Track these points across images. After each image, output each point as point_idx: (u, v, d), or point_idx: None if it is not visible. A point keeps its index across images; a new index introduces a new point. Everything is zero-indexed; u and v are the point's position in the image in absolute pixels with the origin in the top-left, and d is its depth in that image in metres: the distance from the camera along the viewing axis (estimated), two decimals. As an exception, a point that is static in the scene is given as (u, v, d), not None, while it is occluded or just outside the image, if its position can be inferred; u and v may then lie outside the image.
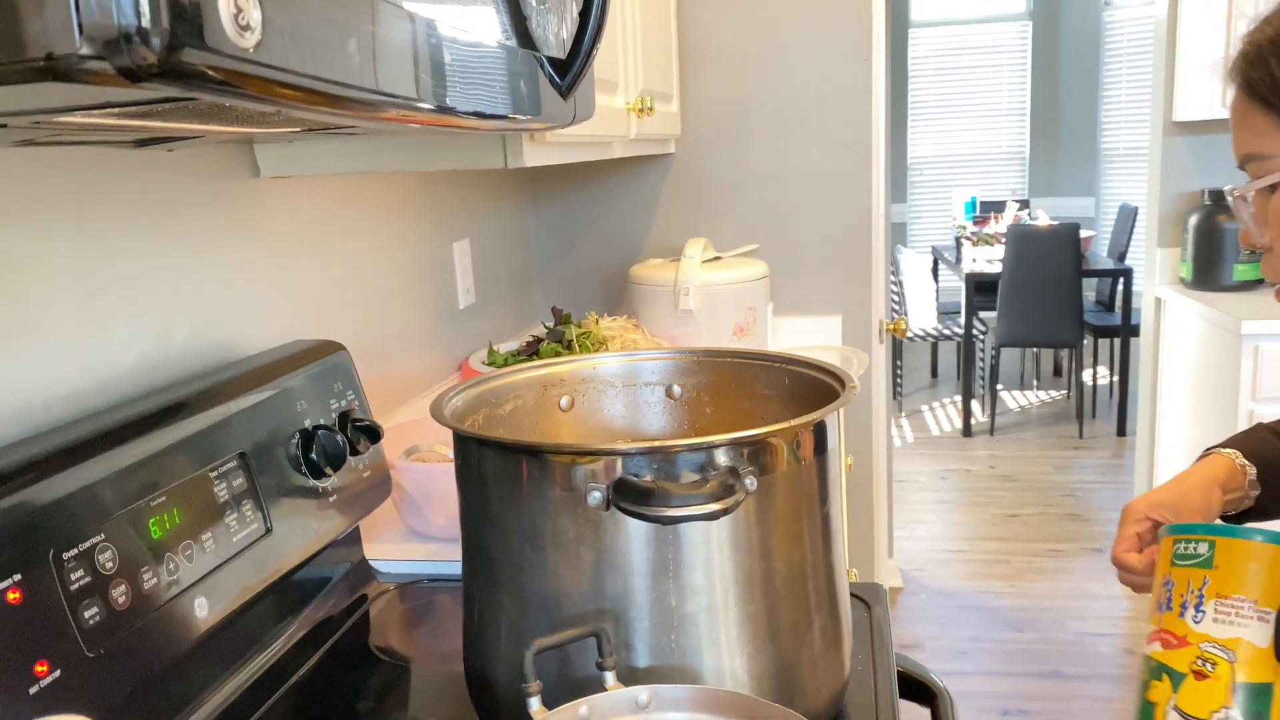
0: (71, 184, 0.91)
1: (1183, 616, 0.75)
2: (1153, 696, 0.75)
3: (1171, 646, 0.75)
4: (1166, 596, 0.77)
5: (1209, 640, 0.74)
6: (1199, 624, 0.75)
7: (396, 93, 0.62)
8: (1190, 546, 0.77)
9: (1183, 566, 0.77)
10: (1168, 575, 0.78)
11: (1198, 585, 0.76)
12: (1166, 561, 0.79)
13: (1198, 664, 0.74)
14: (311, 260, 1.33)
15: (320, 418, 1.06)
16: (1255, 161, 0.76)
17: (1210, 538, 0.77)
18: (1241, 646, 0.73)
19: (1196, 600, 0.76)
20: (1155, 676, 0.75)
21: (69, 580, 0.71)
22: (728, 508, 0.68)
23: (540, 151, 1.17)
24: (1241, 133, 0.78)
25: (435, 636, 1.09)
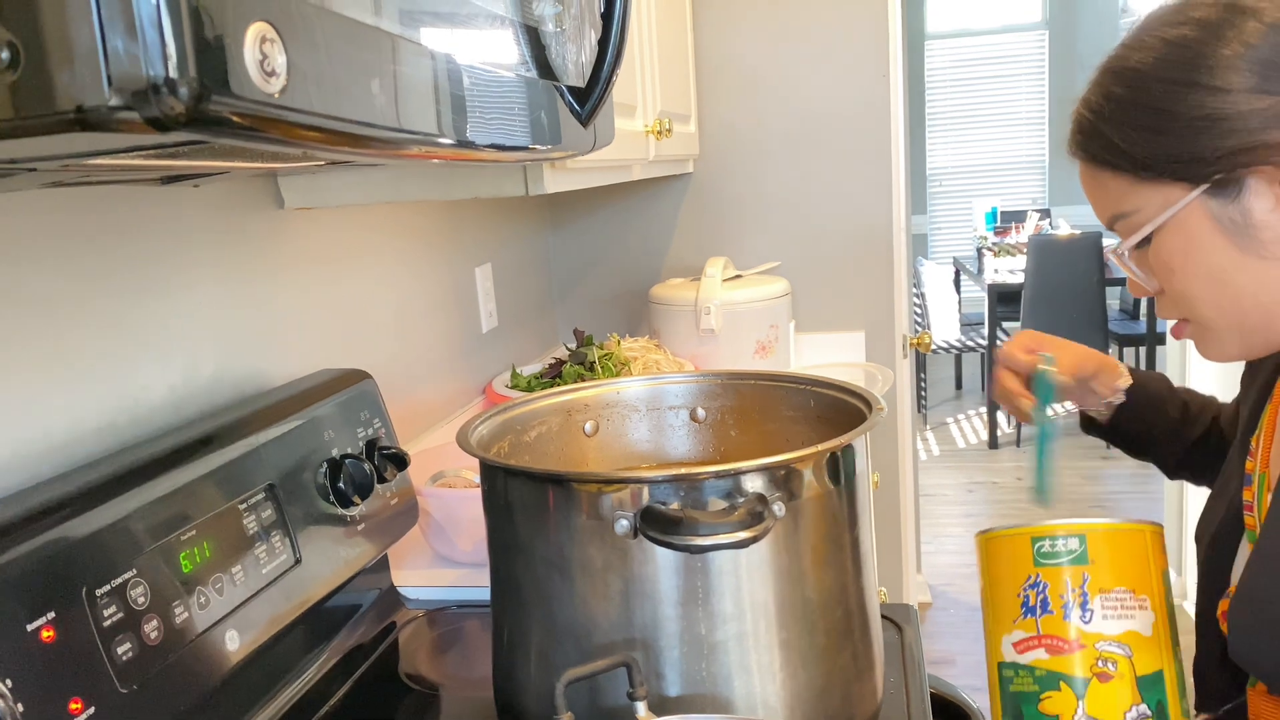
0: (99, 222, 0.92)
1: (1068, 618, 0.71)
2: (1051, 709, 0.69)
3: (1062, 652, 0.70)
4: (1039, 599, 0.72)
5: (1104, 639, 0.70)
6: (1089, 624, 0.70)
7: (418, 129, 0.62)
8: (1056, 544, 0.73)
9: (1052, 565, 0.72)
10: (1032, 576, 0.73)
11: (1077, 583, 0.71)
12: (1024, 562, 0.74)
13: (1099, 665, 0.69)
14: (336, 289, 1.34)
15: (347, 446, 1.06)
16: (1123, 220, 0.78)
17: (1078, 530, 0.73)
18: (1133, 639, 0.70)
19: (1080, 599, 0.71)
20: (1048, 687, 0.70)
21: (102, 617, 0.72)
22: (757, 535, 0.68)
23: (561, 178, 1.17)
24: (1101, 199, 0.80)
25: (464, 662, 1.09)
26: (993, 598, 0.75)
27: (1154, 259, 0.78)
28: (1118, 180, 0.77)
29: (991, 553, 0.76)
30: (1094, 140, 0.78)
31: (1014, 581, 0.74)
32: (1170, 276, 0.78)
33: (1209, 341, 0.80)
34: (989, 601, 0.75)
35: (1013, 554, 0.75)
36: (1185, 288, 0.77)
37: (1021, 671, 0.71)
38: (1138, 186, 0.76)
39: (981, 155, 6.99)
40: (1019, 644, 0.72)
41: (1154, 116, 0.73)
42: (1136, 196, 0.76)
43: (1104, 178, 0.78)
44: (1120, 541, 0.74)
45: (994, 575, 0.76)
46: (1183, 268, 0.76)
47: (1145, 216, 0.76)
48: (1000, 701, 0.73)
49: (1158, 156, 0.74)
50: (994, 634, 0.74)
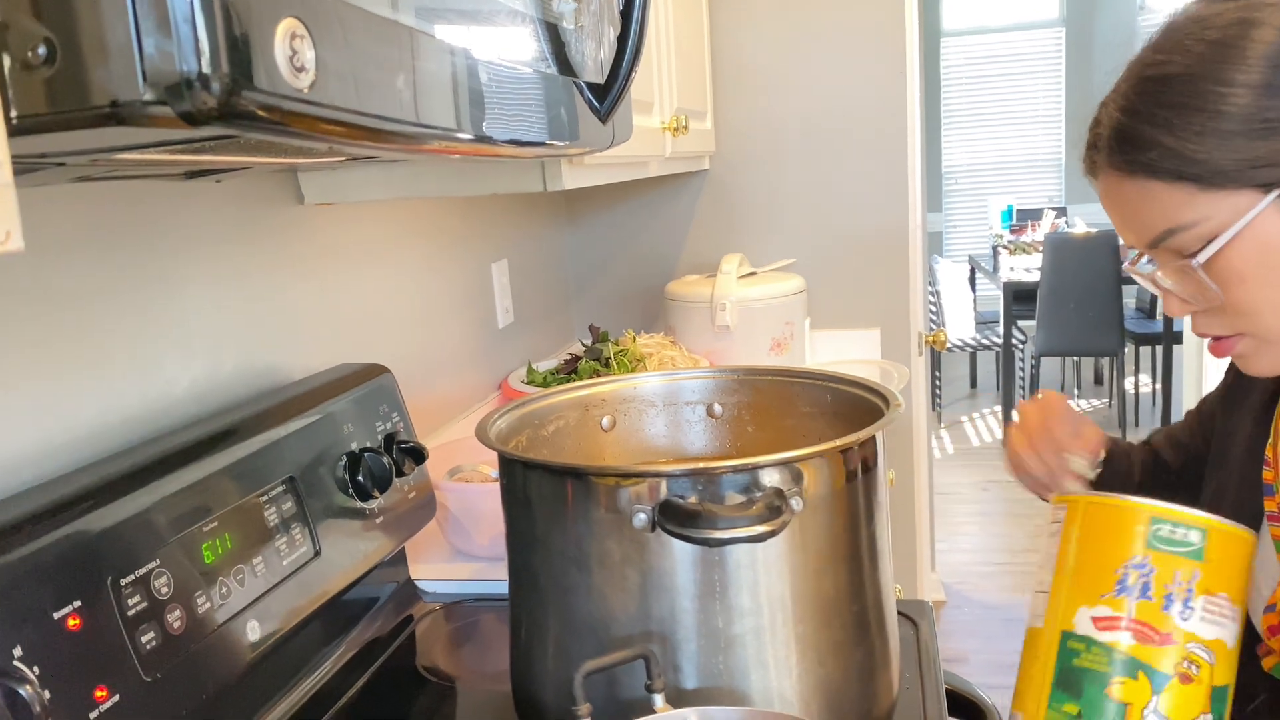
0: (124, 217, 0.93)
1: (1167, 610, 0.67)
2: (1122, 695, 0.66)
3: (1151, 642, 0.67)
4: (1142, 581, 0.68)
5: (1195, 640, 0.67)
6: (1187, 622, 0.67)
7: (438, 124, 0.63)
8: (1177, 532, 0.69)
9: (1167, 552, 0.69)
10: (1139, 557, 0.69)
11: (1187, 578, 0.68)
12: (1134, 539, 0.70)
13: (1184, 666, 0.66)
14: (355, 285, 1.34)
15: (366, 440, 1.07)
16: (1178, 234, 0.73)
17: (1202, 524, 0.69)
18: (1219, 648, 0.68)
19: (1185, 595, 0.68)
20: (1125, 673, 0.66)
21: (126, 606, 0.73)
22: (774, 529, 0.68)
23: (578, 174, 1.18)
24: (1148, 213, 0.74)
25: (481, 656, 1.09)
26: (1081, 564, 0.70)
27: (1223, 270, 0.72)
28: (1175, 191, 0.72)
29: (1094, 518, 0.72)
30: (1142, 150, 0.73)
31: (1115, 555, 0.69)
32: (1239, 287, 0.72)
33: (1263, 357, 0.76)
34: (1074, 567, 0.71)
35: (1123, 527, 0.70)
36: (1256, 298, 0.72)
37: (1096, 648, 0.67)
38: (1200, 196, 0.71)
39: (997, 153, 6.95)
40: (1102, 620, 0.68)
41: (1216, 120, 0.69)
42: (1200, 206, 0.71)
43: (1154, 189, 0.73)
44: (1236, 547, 0.71)
45: (1090, 542, 0.71)
46: (1258, 277, 0.72)
47: (1213, 227, 0.71)
48: (1054, 672, 0.68)
49: (1225, 163, 0.69)
50: (1070, 601, 0.69)
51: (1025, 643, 0.73)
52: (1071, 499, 0.75)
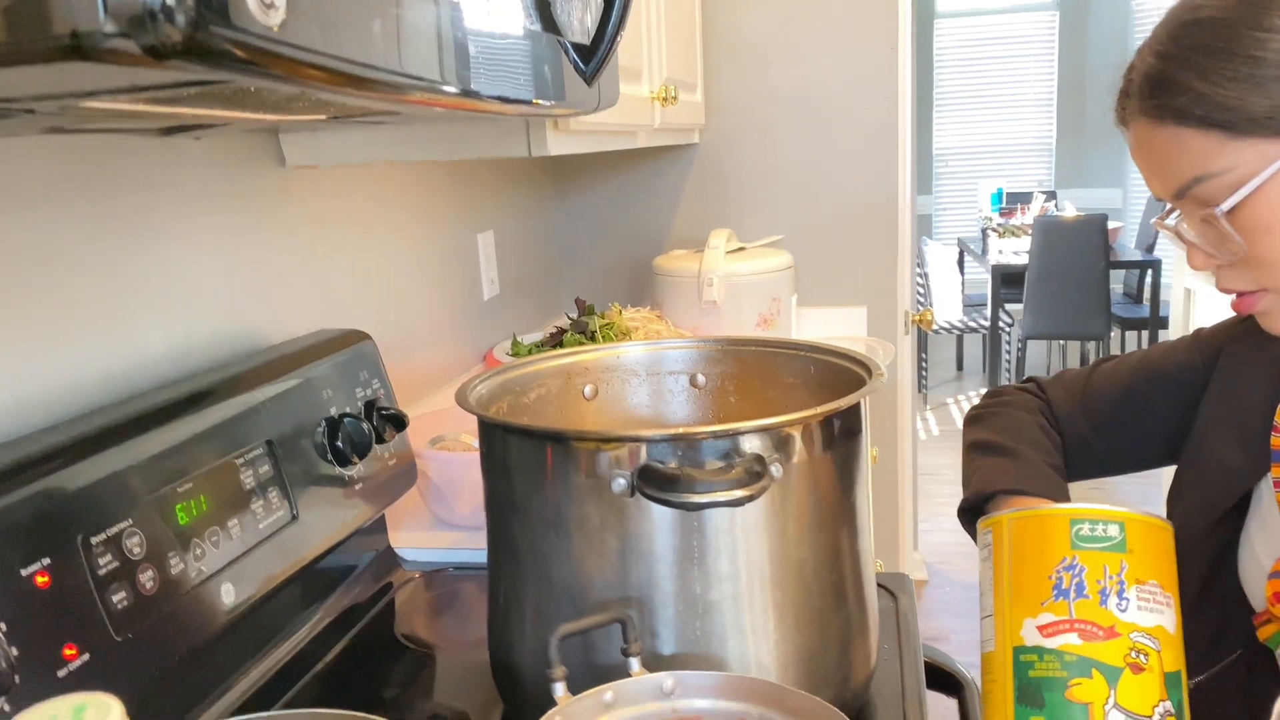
0: (99, 172, 0.92)
1: (1104, 605, 0.68)
2: (1081, 696, 0.66)
3: (1096, 638, 0.67)
4: (1074, 582, 0.69)
5: (1138, 630, 0.68)
6: (1125, 613, 0.68)
7: (421, 75, 0.61)
8: (1097, 528, 0.70)
9: (1092, 550, 0.69)
10: (1068, 559, 0.70)
11: (1116, 570, 0.69)
12: (1060, 544, 0.70)
13: (1132, 656, 0.67)
14: (337, 250, 1.33)
15: (346, 406, 1.06)
16: (1205, 183, 0.72)
17: (1119, 518, 0.70)
18: (1161, 634, 0.68)
19: (1118, 587, 0.68)
20: (1079, 674, 0.66)
21: (97, 565, 0.72)
22: (753, 494, 0.68)
23: (564, 140, 1.16)
24: (1177, 160, 0.73)
25: (460, 624, 1.09)
26: (1016, 579, 0.71)
27: (1248, 220, 0.72)
28: (1204, 138, 0.71)
29: (1020, 533, 0.73)
30: (1174, 95, 0.71)
31: (1046, 563, 0.70)
32: (1264, 238, 0.72)
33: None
34: (1010, 583, 0.72)
35: (1047, 534, 0.71)
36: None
37: (1047, 656, 0.68)
38: (1229, 144, 0.70)
39: (988, 136, 6.94)
40: (1046, 627, 0.69)
41: (1250, 65, 0.68)
42: (1228, 155, 0.70)
43: (1183, 137, 0.72)
44: (1155, 535, 0.72)
45: (1021, 556, 0.72)
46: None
47: (1240, 176, 0.70)
48: (1014, 689, 0.69)
49: (1257, 110, 0.68)
50: (1014, 617, 0.70)
51: (982, 668, 0.73)
52: (994, 520, 0.75)
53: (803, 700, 0.66)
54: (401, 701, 0.92)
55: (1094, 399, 0.99)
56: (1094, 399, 0.99)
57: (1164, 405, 0.95)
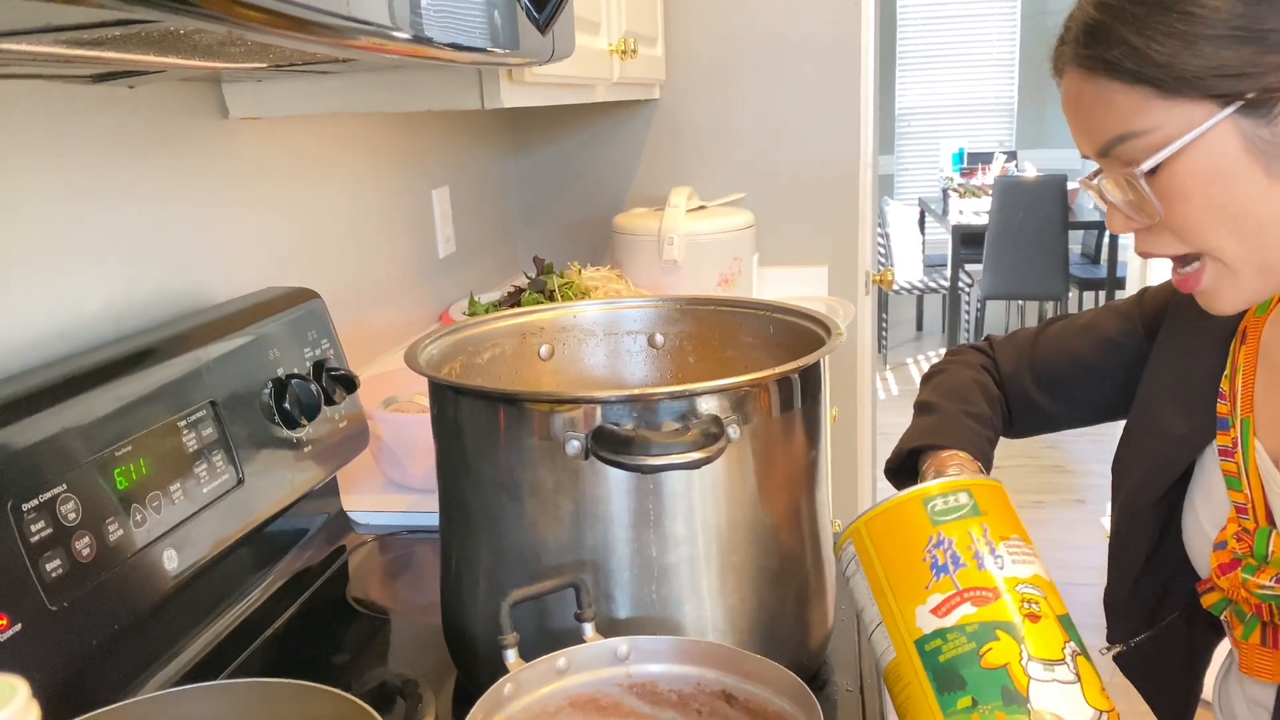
0: (28, 122, 0.87)
1: (983, 567, 0.68)
2: (996, 659, 0.65)
3: (988, 601, 0.67)
4: (949, 555, 0.69)
5: (1021, 582, 0.68)
6: (1004, 569, 0.68)
7: (369, 20, 0.58)
8: (949, 500, 0.71)
9: (952, 520, 0.70)
10: (934, 537, 0.69)
11: (980, 533, 0.69)
12: (921, 526, 0.70)
13: (1025, 607, 0.67)
14: (284, 206, 1.29)
15: (294, 367, 1.03)
16: (1128, 141, 0.70)
17: (963, 486, 0.71)
18: (1040, 583, 0.69)
19: (988, 547, 0.69)
20: (985, 639, 0.66)
21: (29, 532, 0.69)
22: (709, 456, 0.66)
23: (519, 92, 1.13)
24: (1103, 116, 0.71)
25: (414, 588, 1.07)
26: (894, 575, 0.70)
27: (1166, 184, 0.70)
28: (1132, 94, 0.69)
29: (879, 531, 0.73)
30: (1107, 46, 0.69)
31: (915, 547, 0.70)
32: (1183, 205, 0.70)
33: (1225, 288, 0.73)
34: (889, 582, 0.71)
35: (906, 520, 0.71)
36: (1198, 219, 0.70)
37: (950, 634, 0.66)
38: (1156, 102, 0.68)
39: (950, 96, 6.94)
40: (939, 608, 0.68)
41: (1186, 22, 0.65)
42: (1153, 114, 0.68)
43: (1112, 91, 0.70)
44: (997, 494, 0.73)
45: (889, 552, 0.71)
46: (1202, 194, 0.69)
47: (1163, 137, 0.68)
48: (929, 683, 0.67)
49: (1187, 69, 0.66)
50: (905, 612, 0.69)
51: (888, 683, 0.71)
52: (850, 530, 0.75)
53: (758, 664, 0.65)
54: (354, 667, 0.91)
55: (1040, 358, 0.99)
56: (1040, 358, 0.99)
57: (1107, 367, 0.95)
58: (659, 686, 0.67)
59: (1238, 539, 0.79)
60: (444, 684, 0.86)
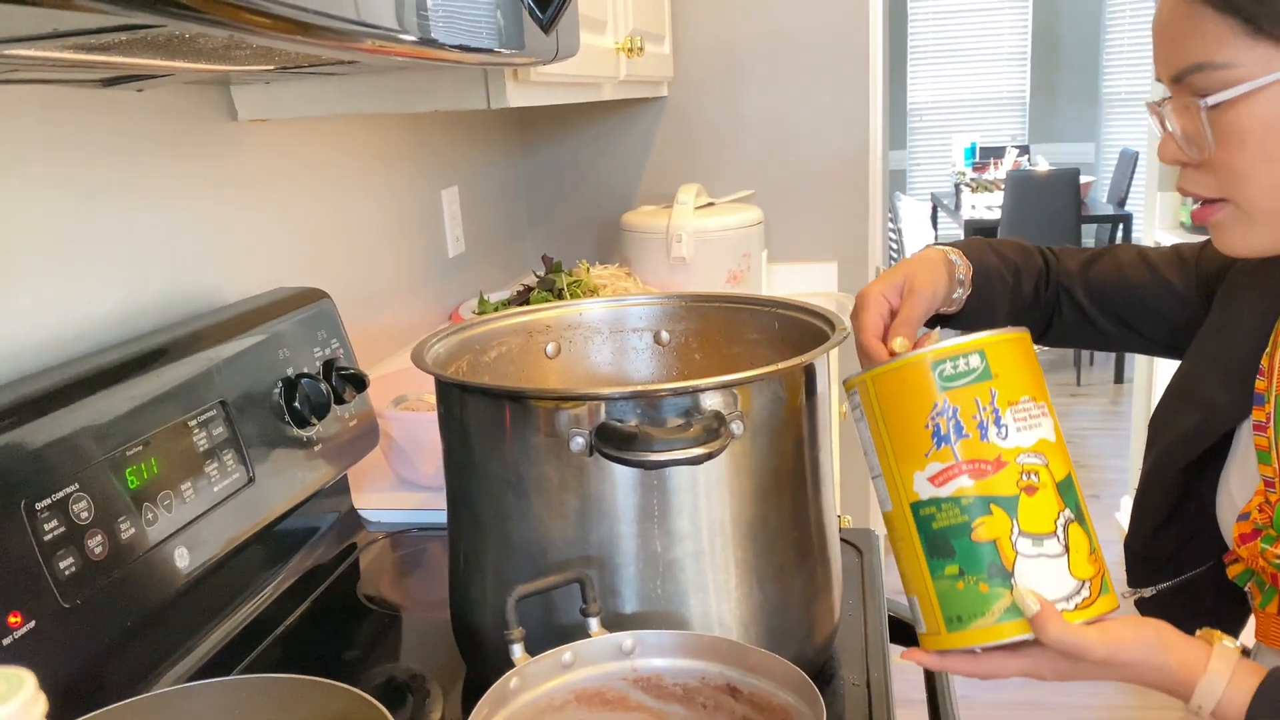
0: (39, 126, 0.88)
1: (985, 439, 0.67)
2: (986, 534, 0.67)
3: (987, 475, 0.67)
4: (952, 424, 0.68)
5: (1023, 451, 0.68)
6: (1006, 439, 0.67)
7: (374, 23, 0.59)
8: (958, 364, 0.69)
9: (959, 387, 0.68)
10: (938, 404, 0.68)
11: (987, 400, 0.68)
12: (927, 391, 0.69)
13: (1024, 480, 0.67)
14: (294, 207, 1.30)
15: (304, 366, 1.04)
16: (1204, 72, 0.71)
17: (977, 346, 0.69)
18: (1045, 447, 0.69)
19: (993, 416, 0.68)
20: (979, 514, 0.67)
21: (42, 531, 0.70)
22: (713, 452, 0.67)
23: (525, 91, 1.14)
24: (1187, 41, 0.72)
25: (425, 585, 1.08)
26: (895, 437, 0.70)
27: (1226, 123, 0.71)
28: (1221, 25, 0.69)
29: (884, 390, 0.71)
30: None
31: (919, 413, 0.69)
32: (1236, 149, 0.71)
33: (1237, 231, 0.75)
34: (890, 442, 0.70)
35: (912, 384, 0.69)
36: (1248, 165, 0.71)
37: (945, 505, 0.67)
38: (1243, 39, 0.68)
39: (962, 90, 6.91)
40: (936, 477, 0.68)
41: None
42: (1237, 50, 0.69)
43: (1204, 18, 0.69)
44: (1014, 350, 0.71)
45: (892, 412, 0.70)
46: (1258, 142, 0.70)
47: (1238, 74, 0.69)
48: (921, 545, 0.69)
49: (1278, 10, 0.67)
50: (903, 474, 0.69)
51: (887, 526, 0.73)
52: (857, 380, 0.73)
53: (763, 658, 0.65)
54: (365, 664, 0.91)
55: (1098, 272, 1.00)
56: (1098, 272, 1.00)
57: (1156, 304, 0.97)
58: (664, 681, 0.68)
59: (1260, 510, 0.79)
60: (454, 680, 0.86)
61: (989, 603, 0.67)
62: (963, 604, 0.68)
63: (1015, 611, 0.67)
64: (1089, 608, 0.68)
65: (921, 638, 0.72)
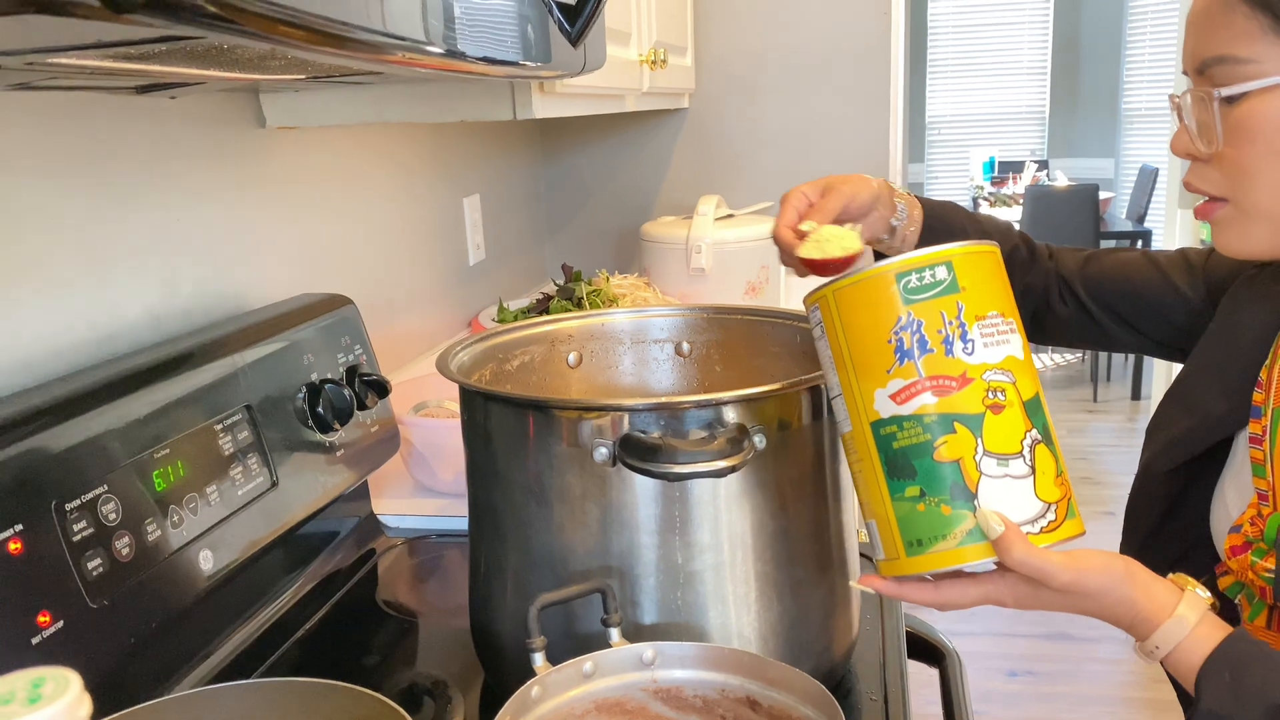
0: (73, 131, 0.90)
1: (951, 354, 0.64)
2: (949, 454, 0.63)
3: (951, 391, 0.64)
4: (915, 339, 0.65)
5: (988, 368, 0.65)
6: (972, 355, 0.64)
7: (404, 35, 0.60)
8: (924, 276, 0.65)
9: (924, 300, 0.65)
10: (903, 317, 0.65)
11: (953, 314, 0.65)
12: (890, 304, 0.66)
13: (990, 398, 0.64)
14: (319, 213, 1.31)
15: (327, 372, 1.05)
16: (1226, 65, 0.71)
17: (945, 258, 0.66)
18: (1013, 364, 0.66)
19: (959, 330, 0.65)
20: (942, 432, 0.63)
21: (71, 531, 0.71)
22: (735, 465, 0.67)
23: (550, 103, 1.14)
24: (1215, 34, 0.72)
25: (443, 591, 1.08)
26: (857, 353, 0.67)
27: (1239, 119, 0.71)
28: (1250, 21, 0.69)
29: (848, 302, 0.68)
30: None
31: (881, 328, 0.66)
32: (1246, 146, 0.72)
33: (1236, 231, 0.76)
34: (852, 359, 0.67)
35: (875, 297, 0.66)
36: (1254, 161, 0.72)
37: (907, 424, 0.64)
38: (1269, 36, 0.69)
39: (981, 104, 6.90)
40: (898, 394, 0.65)
41: None
42: (1261, 46, 0.69)
43: (1236, 12, 0.70)
44: (983, 263, 0.68)
45: (854, 326, 0.67)
46: (1269, 140, 0.71)
47: (1257, 70, 0.69)
48: (881, 466, 0.66)
49: None
50: (864, 392, 0.66)
51: (845, 450, 0.70)
52: (819, 294, 0.70)
53: (783, 671, 0.65)
54: (383, 669, 0.92)
55: (1099, 268, 1.01)
56: (1099, 268, 1.01)
57: (1159, 305, 0.97)
58: (684, 692, 0.68)
59: (1252, 523, 0.79)
60: (471, 686, 0.87)
61: (951, 525, 0.64)
62: (923, 527, 0.64)
63: (978, 534, 0.63)
64: (1054, 531, 0.65)
65: (880, 564, 0.68)
